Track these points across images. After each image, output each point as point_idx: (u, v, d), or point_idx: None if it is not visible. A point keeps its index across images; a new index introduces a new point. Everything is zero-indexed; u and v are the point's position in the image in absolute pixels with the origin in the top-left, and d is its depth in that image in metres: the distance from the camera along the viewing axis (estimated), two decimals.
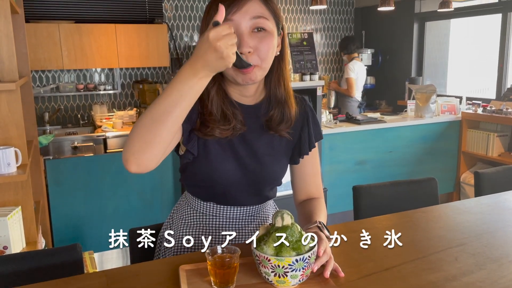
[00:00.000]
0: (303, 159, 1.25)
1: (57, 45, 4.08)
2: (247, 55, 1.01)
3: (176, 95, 0.88)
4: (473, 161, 4.13)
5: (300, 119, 1.22)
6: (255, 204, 1.23)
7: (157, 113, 0.89)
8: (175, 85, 0.89)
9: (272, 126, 1.16)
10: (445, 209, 1.41)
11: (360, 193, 1.82)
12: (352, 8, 5.70)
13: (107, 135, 4.07)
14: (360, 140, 3.69)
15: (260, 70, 1.05)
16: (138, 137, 0.90)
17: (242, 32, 1.00)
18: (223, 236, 1.20)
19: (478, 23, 5.03)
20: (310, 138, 1.24)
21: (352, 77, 4.50)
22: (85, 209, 2.87)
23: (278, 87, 1.15)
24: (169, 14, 4.78)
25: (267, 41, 1.03)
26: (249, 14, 1.01)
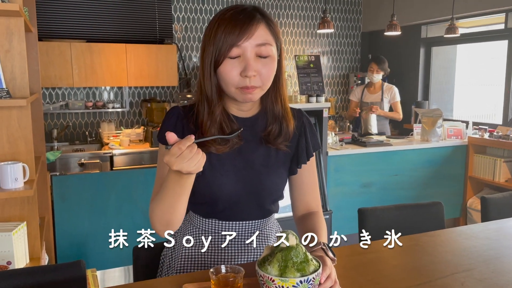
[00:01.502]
0: (301, 168, 1.26)
1: (68, 63, 4.15)
2: (251, 78, 1.06)
3: (173, 194, 1.01)
4: (479, 186, 4.10)
5: (297, 130, 1.24)
6: (257, 219, 1.23)
7: (164, 207, 1.04)
8: (169, 185, 1.00)
9: (270, 140, 1.18)
10: (451, 233, 1.39)
11: (366, 216, 1.81)
12: (359, 32, 5.77)
13: (113, 152, 4.10)
14: (366, 162, 3.68)
15: (260, 91, 1.10)
16: (158, 220, 1.07)
17: (248, 58, 1.05)
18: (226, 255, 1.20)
19: (485, 48, 5.07)
20: (307, 148, 1.25)
21: (400, 100, 4.34)
22: (89, 226, 2.86)
23: (275, 103, 1.18)
24: (178, 35, 4.86)
25: (269, 65, 1.08)
26: (255, 41, 1.05)
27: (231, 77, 1.06)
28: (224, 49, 1.05)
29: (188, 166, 0.92)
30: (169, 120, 1.16)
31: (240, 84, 1.06)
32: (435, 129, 3.95)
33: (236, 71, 1.06)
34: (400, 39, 4.91)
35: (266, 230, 1.27)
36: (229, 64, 1.06)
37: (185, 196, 1.03)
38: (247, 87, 1.06)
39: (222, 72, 1.07)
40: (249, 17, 1.06)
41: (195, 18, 4.91)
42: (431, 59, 5.08)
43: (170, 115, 1.17)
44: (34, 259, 2.12)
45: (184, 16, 4.87)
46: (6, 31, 1.91)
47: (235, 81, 1.06)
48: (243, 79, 1.06)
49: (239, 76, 1.06)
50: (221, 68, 1.07)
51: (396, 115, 4.29)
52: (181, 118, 1.16)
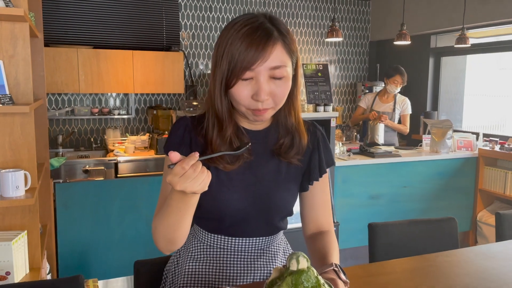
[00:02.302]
0: (312, 185, 1.20)
1: (75, 69, 4.13)
2: (263, 102, 1.01)
3: (177, 212, 0.96)
4: (490, 199, 4.01)
5: (311, 144, 1.19)
6: (265, 236, 1.17)
7: (168, 225, 0.99)
8: (172, 203, 0.96)
9: (282, 153, 1.13)
10: (468, 253, 1.33)
11: (376, 232, 1.74)
12: (367, 41, 5.73)
13: (118, 159, 4.06)
14: (374, 173, 3.61)
15: (273, 111, 1.06)
16: (161, 237, 1.02)
17: (261, 82, 1.00)
18: (231, 273, 1.14)
19: (495, 59, 5.00)
20: (320, 164, 1.20)
21: (411, 113, 4.26)
22: (92, 235, 2.81)
23: (289, 117, 1.13)
24: (185, 42, 4.84)
25: (283, 86, 1.03)
26: (270, 64, 0.99)
27: (242, 99, 1.02)
28: (237, 71, 0.99)
29: (192, 186, 0.87)
30: (176, 131, 1.11)
31: (252, 107, 1.02)
32: (445, 140, 3.88)
33: (248, 93, 1.01)
34: (409, 48, 4.86)
35: (274, 246, 1.21)
36: (241, 87, 1.01)
37: (190, 214, 0.98)
38: (259, 110, 1.02)
39: (233, 94, 1.02)
40: (266, 36, 0.99)
41: (202, 25, 4.89)
42: (441, 70, 5.02)
43: (178, 126, 1.12)
44: (34, 269, 2.07)
45: (191, 24, 4.85)
46: (11, 36, 1.88)
47: (246, 103, 1.02)
48: (255, 102, 1.01)
49: (251, 98, 1.01)
50: (233, 90, 1.02)
51: (403, 128, 4.21)
52: (189, 130, 1.11)
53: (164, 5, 4.65)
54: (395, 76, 4.16)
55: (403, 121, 4.25)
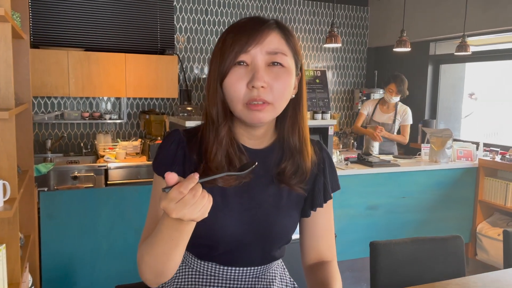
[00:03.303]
0: (315, 211, 1.09)
1: (65, 72, 4.01)
2: (259, 89, 0.89)
3: (168, 240, 0.83)
4: (490, 211, 3.92)
5: (316, 166, 1.07)
6: (260, 265, 1.06)
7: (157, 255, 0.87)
8: (164, 230, 0.83)
9: (284, 179, 1.01)
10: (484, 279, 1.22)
11: (378, 251, 1.63)
12: (365, 48, 5.65)
13: (109, 165, 3.93)
14: (372, 183, 3.51)
15: (272, 109, 0.92)
16: (148, 269, 0.90)
17: (258, 66, 0.90)
18: None
19: (494, 67, 4.93)
20: (325, 188, 1.08)
21: (411, 124, 4.15)
22: (78, 246, 2.68)
23: (292, 135, 1.01)
24: (180, 45, 4.73)
25: (283, 77, 0.92)
26: (266, 48, 0.90)
27: (236, 90, 0.90)
28: (231, 57, 0.90)
29: (191, 213, 0.75)
30: (168, 147, 0.99)
31: (247, 97, 0.90)
32: (445, 150, 3.79)
33: (243, 82, 0.90)
34: (408, 55, 4.77)
35: (270, 273, 1.10)
36: (235, 73, 0.90)
37: (183, 243, 0.85)
38: (255, 100, 0.89)
39: (227, 84, 0.91)
40: (260, 23, 0.92)
41: (197, 29, 4.79)
42: (439, 77, 4.94)
43: (169, 140, 1.00)
44: (13, 284, 1.94)
45: (186, 27, 4.74)
46: None
47: (241, 93, 0.90)
48: (250, 91, 0.89)
49: (246, 88, 0.90)
50: (226, 79, 0.91)
51: (402, 138, 4.12)
52: (183, 145, 0.99)
53: (159, 7, 4.54)
54: (389, 84, 4.07)
55: (402, 131, 4.15)
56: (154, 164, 1.00)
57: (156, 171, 0.99)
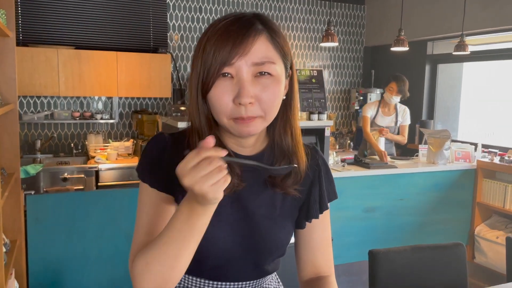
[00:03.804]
0: (311, 223, 1.01)
1: (55, 70, 3.91)
2: (247, 106, 0.81)
3: (180, 238, 0.77)
4: (488, 213, 3.87)
5: (311, 173, 1.00)
6: (254, 279, 0.98)
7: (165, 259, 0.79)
8: (174, 225, 0.77)
9: (277, 182, 0.93)
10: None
11: (378, 260, 1.56)
12: (362, 47, 5.58)
13: (99, 167, 3.83)
14: (369, 185, 3.44)
15: (261, 121, 0.85)
16: (151, 279, 0.80)
17: (243, 80, 0.81)
18: None
19: (492, 67, 4.88)
20: (321, 198, 1.01)
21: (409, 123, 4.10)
22: (66, 251, 2.59)
23: (284, 136, 0.93)
24: (174, 44, 4.64)
25: (272, 89, 0.83)
26: (252, 58, 0.81)
27: (222, 105, 0.82)
28: (214, 69, 0.81)
29: (202, 183, 0.69)
30: (152, 151, 0.91)
31: (234, 115, 0.82)
32: (443, 151, 3.73)
33: (229, 97, 0.82)
34: (405, 55, 4.70)
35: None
36: (220, 87, 0.82)
37: (194, 242, 0.78)
38: (242, 118, 0.82)
39: (212, 98, 0.83)
40: (245, 27, 0.82)
41: (191, 27, 4.70)
42: (437, 77, 4.88)
43: (154, 145, 0.92)
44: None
45: (180, 25, 4.65)
46: None
47: (228, 109, 0.82)
48: (237, 108, 0.81)
49: (233, 103, 0.82)
50: (211, 93, 0.83)
51: (402, 138, 4.05)
52: (168, 150, 0.91)
53: (152, 4, 4.44)
54: (390, 83, 3.96)
55: (401, 131, 4.08)
56: (139, 170, 0.92)
57: (141, 178, 0.91)
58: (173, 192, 0.89)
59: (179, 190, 0.88)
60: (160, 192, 0.89)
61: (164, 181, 0.89)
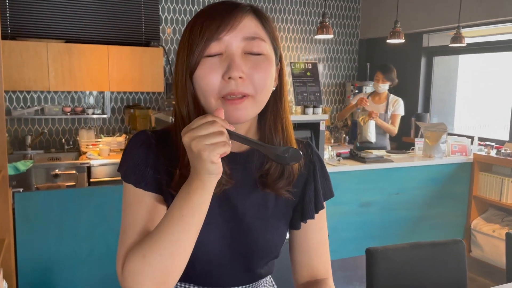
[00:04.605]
0: (306, 223, 0.96)
1: (44, 65, 3.82)
2: (237, 80, 0.76)
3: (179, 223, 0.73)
4: (484, 206, 3.84)
5: (305, 171, 0.94)
6: (246, 284, 0.93)
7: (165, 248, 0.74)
8: (174, 208, 0.75)
9: (268, 182, 0.88)
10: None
11: (375, 258, 1.51)
12: (357, 40, 5.52)
13: (91, 163, 3.77)
14: (365, 180, 3.40)
15: (253, 103, 0.80)
16: (151, 274, 0.74)
17: (233, 53, 0.77)
18: None
19: (488, 59, 4.84)
20: (317, 197, 0.96)
21: (402, 115, 4.07)
22: (57, 250, 2.54)
23: (275, 132, 0.87)
24: (166, 37, 4.56)
25: (263, 66, 0.79)
26: (242, 33, 0.78)
27: (210, 82, 0.77)
28: (201, 46, 0.77)
29: (199, 141, 0.69)
30: (137, 150, 0.85)
31: (223, 91, 0.77)
32: (439, 144, 3.69)
33: (217, 74, 0.77)
34: (401, 47, 4.65)
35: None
36: (207, 65, 0.77)
37: (194, 226, 0.74)
38: (233, 94, 0.77)
39: (198, 77, 0.78)
40: (233, 5, 0.80)
41: (184, 20, 4.61)
42: (433, 70, 4.83)
43: (137, 142, 0.86)
44: None
45: (172, 18, 4.56)
46: None
47: (216, 86, 0.77)
48: (227, 83, 0.77)
49: (221, 80, 0.77)
50: (197, 71, 0.78)
51: (391, 127, 4.00)
52: (153, 148, 0.85)
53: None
54: (376, 73, 4.05)
55: (392, 121, 4.05)
56: (122, 171, 0.86)
57: (125, 179, 0.86)
58: (162, 191, 0.84)
59: (167, 191, 0.83)
60: (147, 192, 0.83)
61: (151, 181, 0.83)
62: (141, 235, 0.80)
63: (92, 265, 2.58)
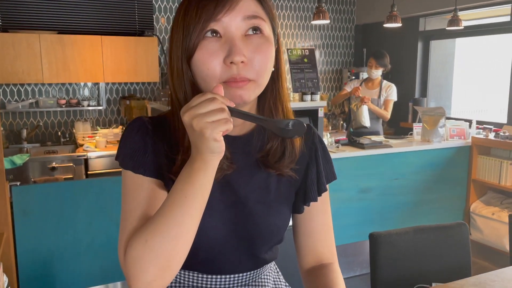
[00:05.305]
0: (309, 206, 0.95)
1: (38, 57, 3.77)
2: (239, 65, 0.74)
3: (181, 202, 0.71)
4: (483, 190, 3.85)
5: (307, 153, 0.93)
6: (248, 271, 0.91)
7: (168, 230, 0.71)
8: (176, 188, 0.72)
9: (270, 162, 0.87)
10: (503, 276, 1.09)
11: (379, 243, 1.50)
12: (353, 25, 5.47)
13: (88, 155, 3.74)
14: (365, 166, 3.39)
15: (254, 86, 0.78)
16: (153, 259, 0.71)
17: (233, 36, 0.75)
18: None
19: (485, 42, 4.82)
20: (319, 179, 0.94)
21: (395, 100, 4.06)
22: (56, 243, 2.52)
23: (276, 111, 0.86)
24: (160, 26, 4.50)
25: (264, 48, 0.77)
26: (242, 13, 0.75)
27: (211, 67, 0.75)
28: (198, 29, 0.74)
29: (201, 118, 0.67)
30: (134, 136, 0.83)
31: (224, 76, 0.75)
32: (437, 129, 3.67)
33: (218, 58, 0.75)
34: (397, 32, 4.62)
35: (261, 280, 0.96)
36: (206, 48, 0.75)
37: (197, 207, 0.72)
38: (235, 79, 0.75)
39: (197, 61, 0.76)
40: None
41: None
42: (430, 54, 4.80)
43: (134, 129, 0.84)
44: None
45: (166, 6, 4.50)
46: None
47: (217, 71, 0.75)
48: (228, 68, 0.74)
49: (223, 64, 0.75)
50: (196, 55, 0.76)
51: (384, 112, 4.00)
52: (151, 134, 0.83)
53: None
54: (369, 59, 4.04)
55: (385, 107, 4.04)
56: (120, 158, 0.84)
57: (124, 165, 0.83)
58: (162, 176, 0.82)
59: (168, 177, 0.81)
60: (146, 177, 0.81)
61: (150, 166, 0.81)
62: (142, 220, 0.79)
63: (92, 256, 2.57)
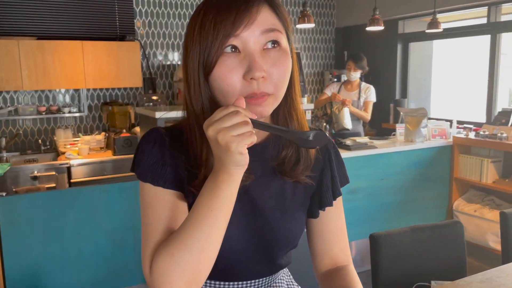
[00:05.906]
0: (324, 211, 0.95)
1: (17, 63, 3.67)
2: (259, 80, 0.74)
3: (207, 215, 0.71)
4: (465, 187, 3.94)
5: (321, 159, 0.94)
6: (264, 276, 0.92)
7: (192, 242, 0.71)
8: (201, 201, 0.72)
9: (286, 170, 0.87)
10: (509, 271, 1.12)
11: (380, 243, 1.52)
12: (333, 28, 5.54)
13: (71, 163, 3.66)
14: (352, 167, 3.39)
15: (273, 101, 0.78)
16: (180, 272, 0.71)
17: (253, 52, 0.74)
18: None
19: (461, 44, 4.95)
20: (334, 184, 0.95)
21: (374, 101, 4.12)
22: (44, 254, 2.46)
23: (290, 120, 0.86)
24: (141, 31, 4.45)
25: (282, 61, 0.77)
26: (260, 26, 0.75)
27: (231, 83, 0.75)
28: (217, 44, 0.73)
29: (226, 132, 0.66)
30: (151, 148, 0.82)
31: (245, 92, 0.75)
32: (420, 129, 3.75)
33: (237, 74, 0.74)
34: (377, 35, 4.69)
35: (276, 284, 0.96)
36: (226, 64, 0.74)
37: (223, 220, 0.72)
38: (255, 94, 0.75)
39: (217, 78, 0.75)
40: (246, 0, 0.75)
41: (159, 12, 4.52)
42: (409, 56, 4.91)
43: (151, 141, 0.83)
44: None
45: (147, 10, 4.46)
46: None
47: (237, 88, 0.75)
48: (248, 84, 0.74)
49: (242, 80, 0.74)
50: (215, 71, 0.75)
51: (364, 114, 4.07)
52: (168, 145, 0.82)
53: None
54: (347, 62, 4.11)
55: (365, 108, 4.12)
56: (138, 171, 0.83)
57: (142, 178, 0.82)
58: (182, 188, 0.81)
59: (188, 189, 0.80)
60: (167, 189, 0.80)
61: (169, 178, 0.80)
62: (165, 233, 0.78)
63: (81, 266, 2.51)
